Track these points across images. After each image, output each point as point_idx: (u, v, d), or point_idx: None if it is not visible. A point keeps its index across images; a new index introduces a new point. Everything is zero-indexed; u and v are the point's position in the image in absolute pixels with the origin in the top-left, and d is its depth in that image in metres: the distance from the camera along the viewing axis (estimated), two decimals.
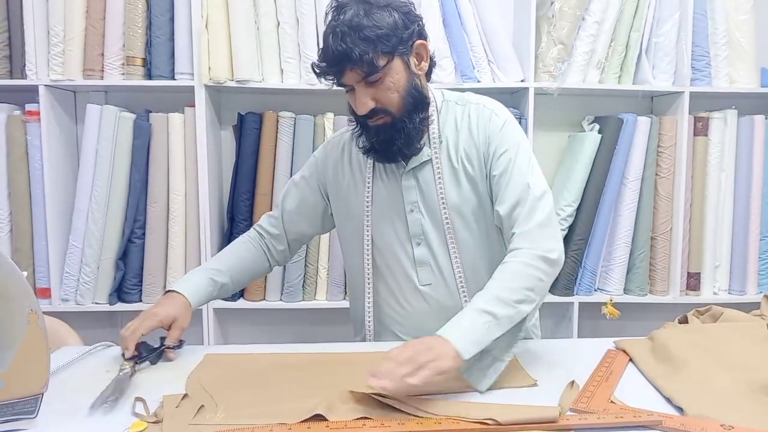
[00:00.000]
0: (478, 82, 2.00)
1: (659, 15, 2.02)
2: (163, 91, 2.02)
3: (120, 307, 2.00)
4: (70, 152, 2.07)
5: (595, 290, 2.11)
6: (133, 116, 1.96)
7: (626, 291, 2.11)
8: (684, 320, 1.24)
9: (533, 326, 1.37)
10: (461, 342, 0.94)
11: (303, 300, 2.05)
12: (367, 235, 1.25)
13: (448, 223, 1.20)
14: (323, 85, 1.17)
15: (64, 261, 1.98)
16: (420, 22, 1.15)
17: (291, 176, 1.98)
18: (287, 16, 1.93)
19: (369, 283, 1.27)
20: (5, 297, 0.81)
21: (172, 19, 1.93)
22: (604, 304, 2.01)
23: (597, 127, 2.07)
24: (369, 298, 1.27)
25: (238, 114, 2.04)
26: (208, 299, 1.28)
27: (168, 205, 1.99)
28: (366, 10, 1.07)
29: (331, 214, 1.36)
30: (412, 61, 1.14)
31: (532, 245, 1.08)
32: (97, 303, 1.99)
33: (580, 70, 2.02)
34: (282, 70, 1.97)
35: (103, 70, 1.94)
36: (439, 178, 1.19)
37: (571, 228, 2.06)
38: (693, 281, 2.10)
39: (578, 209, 2.05)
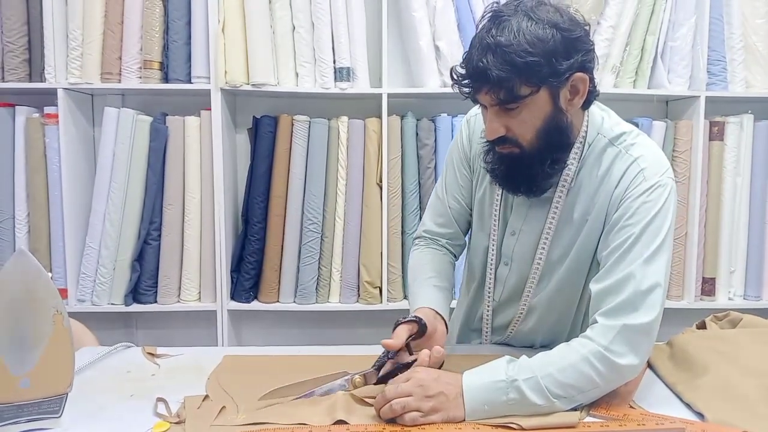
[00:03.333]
0: None
1: (675, 19, 2.02)
2: (179, 94, 2.04)
3: (135, 308, 2.02)
4: (87, 154, 2.09)
5: None
6: (149, 119, 1.98)
7: None
8: (702, 326, 1.23)
9: None
10: (471, 407, 0.87)
11: (316, 302, 2.06)
12: (494, 235, 1.15)
13: (538, 264, 1.11)
14: (337, 88, 1.07)
15: (81, 262, 2.00)
16: (588, 51, 0.99)
17: (305, 179, 2.01)
18: (303, 20, 1.95)
19: (490, 299, 1.19)
20: (32, 298, 0.82)
21: (189, 23, 1.95)
22: None
23: None
24: (488, 306, 1.21)
25: (254, 117, 2.05)
26: (447, 305, 1.16)
27: (183, 207, 2.01)
28: (525, 27, 0.92)
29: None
30: (563, 94, 0.98)
31: (604, 342, 0.92)
32: (113, 304, 2.00)
33: (595, 73, 2.00)
34: (297, 74, 1.98)
35: (120, 74, 1.95)
36: (550, 224, 1.07)
37: None
38: (708, 286, 2.09)
39: None
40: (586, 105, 1.04)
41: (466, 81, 0.97)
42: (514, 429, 0.84)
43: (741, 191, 2.08)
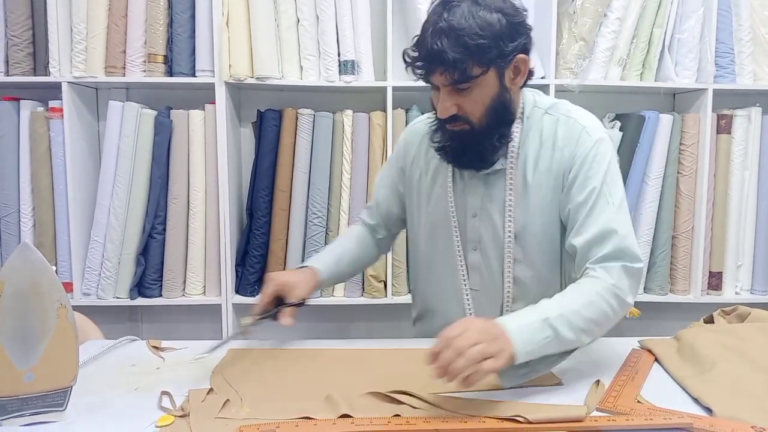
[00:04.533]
0: None
1: (682, 11, 2.00)
2: (183, 88, 2.03)
3: (140, 301, 2.02)
4: (92, 148, 2.09)
5: None
6: (154, 113, 1.98)
7: (647, 290, 2.09)
8: (710, 320, 1.23)
9: None
10: (521, 347, 0.89)
11: (321, 296, 2.05)
12: (456, 231, 1.19)
13: (509, 237, 1.14)
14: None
15: (86, 256, 2.01)
16: (528, 34, 1.08)
17: (309, 173, 2.01)
18: (307, 14, 1.94)
19: (465, 281, 1.20)
20: (36, 292, 0.82)
21: (193, 17, 1.94)
22: None
23: (618, 124, 2.05)
24: (468, 303, 1.21)
25: (258, 111, 2.05)
26: (334, 277, 1.29)
27: (188, 201, 2.01)
28: (474, 13, 1.00)
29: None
30: (508, 74, 1.07)
31: (612, 280, 1.01)
32: (118, 297, 2.01)
33: (601, 66, 2.00)
34: (302, 68, 1.97)
35: (125, 67, 1.95)
36: (510, 191, 1.13)
37: None
38: (715, 281, 2.08)
39: None
40: (525, 84, 1.13)
41: (420, 63, 1.03)
42: (521, 422, 0.83)
43: (749, 185, 2.07)
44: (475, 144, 1.08)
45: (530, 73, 1.11)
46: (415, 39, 1.05)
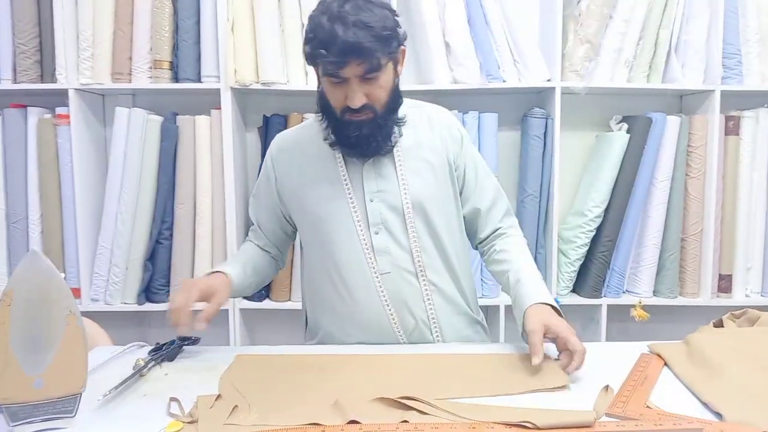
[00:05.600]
0: (504, 81, 1.98)
1: (689, 12, 1.99)
2: (189, 93, 2.04)
3: (148, 307, 2.03)
4: (98, 154, 2.10)
5: (624, 292, 2.09)
6: (160, 119, 1.98)
7: (656, 293, 2.08)
8: (719, 324, 1.22)
9: None
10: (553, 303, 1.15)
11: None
12: (356, 218, 1.23)
13: (408, 211, 1.22)
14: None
15: (94, 261, 2.02)
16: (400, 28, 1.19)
17: None
18: None
19: (373, 266, 1.22)
20: (45, 299, 0.82)
21: (198, 23, 1.95)
22: (633, 306, 2.00)
23: (625, 126, 2.05)
24: (381, 287, 1.23)
25: (264, 116, 2.06)
26: (241, 286, 1.30)
27: (195, 206, 2.01)
28: (370, 9, 1.08)
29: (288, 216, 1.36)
30: (396, 63, 1.19)
31: (521, 234, 1.34)
32: (125, 303, 2.01)
33: (607, 68, 1.99)
34: (306, 72, 1.98)
35: (131, 74, 1.96)
36: (401, 167, 1.23)
37: (598, 229, 2.04)
38: (724, 283, 2.07)
39: (606, 210, 2.02)
40: None
41: (332, 58, 1.07)
42: (530, 429, 0.83)
43: (757, 186, 2.05)
44: (380, 129, 1.18)
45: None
46: (313, 36, 1.09)
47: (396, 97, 1.20)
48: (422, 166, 1.24)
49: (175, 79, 1.98)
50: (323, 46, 1.07)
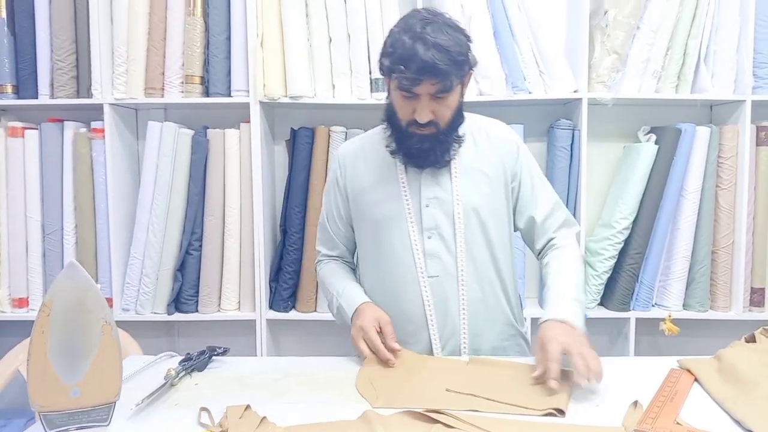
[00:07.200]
0: (530, 93, 1.98)
1: (718, 22, 1.96)
2: (220, 107, 2.08)
3: (177, 317, 2.07)
4: (131, 167, 2.16)
5: (653, 306, 2.05)
6: (191, 132, 2.03)
7: (686, 306, 2.04)
8: (751, 339, 1.19)
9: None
10: (581, 326, 1.14)
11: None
12: (411, 223, 1.28)
13: (459, 218, 1.26)
14: (373, 98, 1.18)
15: (126, 272, 2.06)
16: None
17: None
18: (338, 33, 1.97)
19: (423, 269, 1.27)
20: (83, 309, 0.85)
21: (228, 39, 2.00)
22: (663, 320, 1.96)
23: (653, 137, 2.02)
24: (426, 291, 1.27)
25: (291, 129, 2.09)
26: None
27: (224, 217, 2.05)
28: (449, 33, 1.15)
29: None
30: (464, 85, 1.25)
31: (576, 246, 1.35)
32: (155, 313, 2.05)
33: (635, 79, 1.97)
34: (333, 86, 2.00)
35: (163, 89, 2.01)
36: (456, 176, 1.28)
37: (627, 241, 2.01)
38: (757, 297, 2.02)
39: (634, 222, 2.00)
40: None
41: (409, 74, 1.14)
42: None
43: None
44: (440, 144, 1.25)
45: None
46: (393, 51, 1.16)
47: (459, 115, 1.27)
48: (478, 177, 1.29)
49: (206, 93, 2.02)
50: (402, 62, 1.14)
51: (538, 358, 1.07)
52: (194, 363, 1.15)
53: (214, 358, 1.20)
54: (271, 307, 2.09)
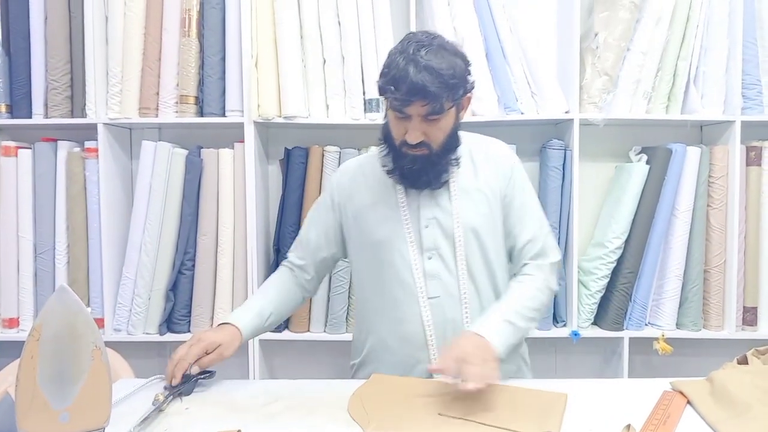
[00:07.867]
0: (522, 114, 2.00)
1: (707, 44, 1.99)
2: (214, 127, 2.09)
3: (169, 337, 2.05)
4: (125, 187, 2.15)
5: (646, 325, 2.06)
6: (185, 152, 2.03)
7: (679, 326, 2.04)
8: (743, 360, 1.20)
9: (524, 352, 1.43)
10: (498, 345, 1.14)
11: (347, 332, 2.06)
12: (411, 244, 1.28)
13: (460, 238, 1.27)
14: (367, 119, 1.19)
15: (118, 292, 2.05)
16: (471, 76, 1.24)
17: None
18: (333, 54, 1.99)
19: (423, 290, 1.27)
20: (73, 334, 0.84)
21: (223, 59, 2.01)
22: (656, 339, 1.96)
23: (645, 157, 2.04)
24: (426, 312, 1.27)
25: (285, 149, 2.09)
26: (256, 332, 1.33)
27: (217, 237, 2.04)
28: (443, 56, 1.16)
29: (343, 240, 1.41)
30: (459, 109, 1.26)
31: (544, 277, 1.31)
32: (147, 333, 2.04)
33: (626, 100, 2.00)
34: (327, 106, 2.02)
35: (158, 108, 2.02)
36: (456, 196, 1.29)
37: (619, 261, 2.02)
38: (749, 316, 2.03)
39: (627, 241, 2.01)
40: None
41: (400, 95, 1.15)
42: None
43: None
44: (432, 166, 1.25)
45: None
46: (387, 71, 1.18)
47: (454, 139, 1.27)
48: (477, 196, 1.30)
49: (200, 113, 2.03)
50: (393, 83, 1.16)
51: (439, 359, 1.11)
52: (180, 388, 1.14)
53: (200, 381, 1.19)
54: None
